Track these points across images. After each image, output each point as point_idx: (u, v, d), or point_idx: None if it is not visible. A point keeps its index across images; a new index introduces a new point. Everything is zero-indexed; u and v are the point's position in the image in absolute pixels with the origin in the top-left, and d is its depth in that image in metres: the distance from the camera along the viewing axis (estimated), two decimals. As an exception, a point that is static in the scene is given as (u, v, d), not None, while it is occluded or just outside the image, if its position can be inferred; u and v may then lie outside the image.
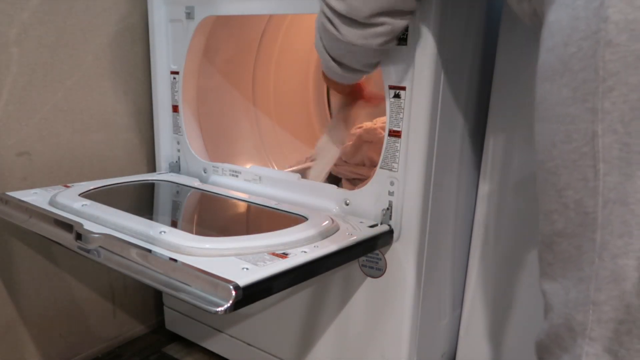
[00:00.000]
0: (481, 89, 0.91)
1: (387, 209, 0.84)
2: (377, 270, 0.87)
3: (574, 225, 0.50)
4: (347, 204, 0.89)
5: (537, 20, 0.58)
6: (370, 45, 0.71)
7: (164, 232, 0.72)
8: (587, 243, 0.50)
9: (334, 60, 0.77)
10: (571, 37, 0.48)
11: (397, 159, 0.82)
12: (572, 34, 0.48)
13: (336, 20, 0.69)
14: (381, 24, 0.69)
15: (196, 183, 1.05)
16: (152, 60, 1.10)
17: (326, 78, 0.97)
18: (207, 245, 0.69)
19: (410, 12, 0.71)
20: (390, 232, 0.83)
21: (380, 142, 0.85)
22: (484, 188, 0.94)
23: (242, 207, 0.96)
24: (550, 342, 0.56)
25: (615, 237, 0.48)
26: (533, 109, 0.54)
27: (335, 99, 1.33)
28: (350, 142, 1.11)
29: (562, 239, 0.52)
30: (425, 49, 0.76)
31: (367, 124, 1.15)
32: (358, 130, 1.12)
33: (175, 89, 1.09)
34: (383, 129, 0.98)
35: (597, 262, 0.49)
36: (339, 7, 0.67)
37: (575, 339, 0.52)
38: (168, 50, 1.08)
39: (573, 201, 0.50)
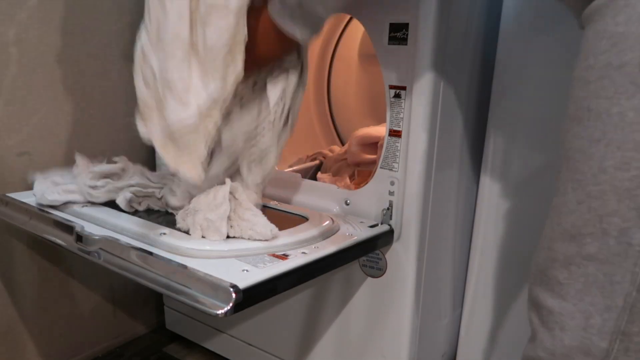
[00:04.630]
0: (481, 89, 0.91)
1: (388, 208, 0.84)
2: (378, 270, 0.87)
3: (611, 253, 0.49)
4: (347, 204, 0.89)
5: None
6: None
7: (164, 233, 0.72)
8: (624, 274, 0.48)
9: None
10: None
11: (397, 159, 0.82)
12: None
13: None
14: None
15: (196, 183, 1.05)
16: (151, 60, 1.10)
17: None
18: (207, 247, 0.69)
19: None
20: (390, 232, 0.83)
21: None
22: (484, 188, 0.94)
23: (242, 207, 0.95)
24: None
25: None
26: (555, 116, 0.51)
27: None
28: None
29: (590, 262, 0.50)
30: (425, 49, 0.76)
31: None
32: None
33: (175, 89, 1.09)
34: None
35: (635, 295, 0.48)
36: None
37: None
38: (168, 50, 1.08)
39: (617, 229, 0.48)
